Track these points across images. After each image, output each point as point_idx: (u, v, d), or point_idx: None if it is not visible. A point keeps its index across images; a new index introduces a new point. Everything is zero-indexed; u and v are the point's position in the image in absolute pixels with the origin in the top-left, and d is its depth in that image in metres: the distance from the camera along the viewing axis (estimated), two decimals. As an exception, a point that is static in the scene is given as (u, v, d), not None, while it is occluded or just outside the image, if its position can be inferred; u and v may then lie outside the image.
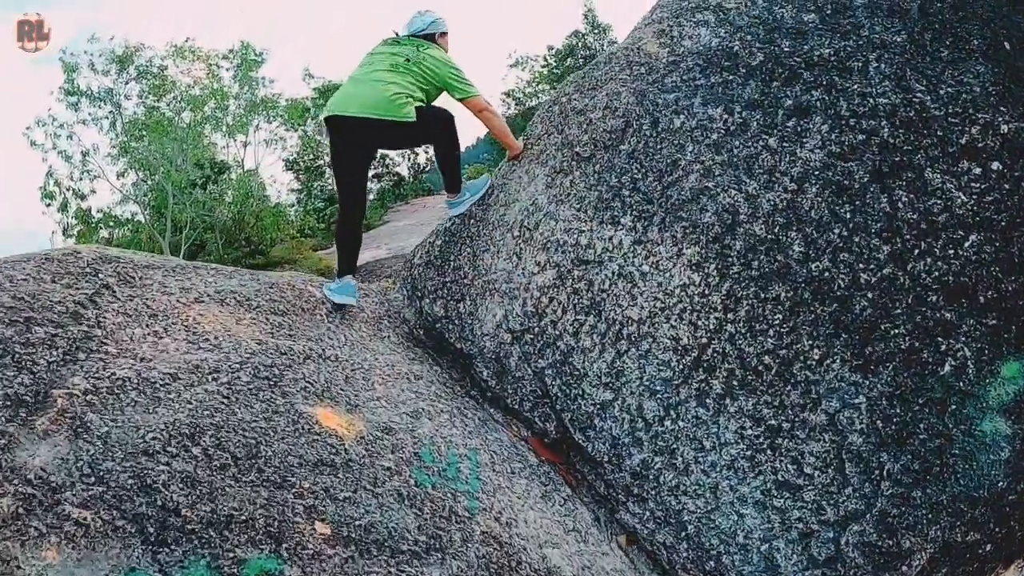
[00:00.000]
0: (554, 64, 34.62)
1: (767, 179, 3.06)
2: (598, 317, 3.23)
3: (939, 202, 2.96)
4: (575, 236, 3.39)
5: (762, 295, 2.95)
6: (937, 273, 2.86)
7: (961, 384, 2.76)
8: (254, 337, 3.08)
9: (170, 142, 18.19)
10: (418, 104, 3.42)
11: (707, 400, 2.97)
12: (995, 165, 3.00)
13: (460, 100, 3.57)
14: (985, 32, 3.20)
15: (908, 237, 2.93)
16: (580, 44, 34.30)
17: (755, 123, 3.13)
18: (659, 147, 3.29)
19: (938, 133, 3.02)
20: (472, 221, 3.90)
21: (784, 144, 3.07)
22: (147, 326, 2.87)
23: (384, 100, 3.34)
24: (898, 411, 2.75)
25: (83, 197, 18.96)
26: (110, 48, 19.17)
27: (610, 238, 3.29)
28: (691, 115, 3.25)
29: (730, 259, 3.04)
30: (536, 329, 3.39)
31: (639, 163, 3.31)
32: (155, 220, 18.99)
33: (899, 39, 3.16)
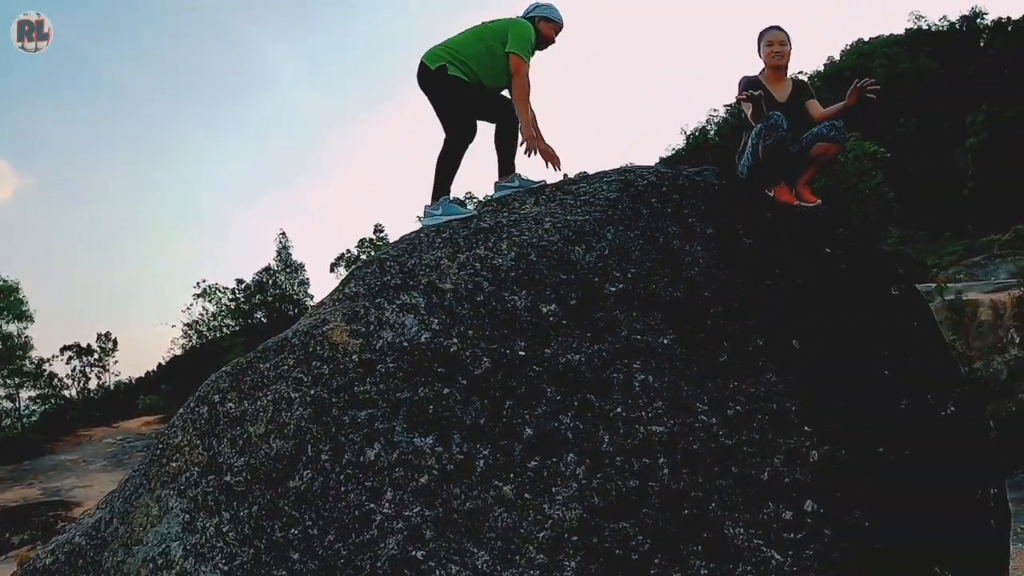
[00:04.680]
0: (242, 299, 33.75)
1: (503, 548, 1.95)
2: None
3: (750, 569, 2.02)
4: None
5: None
6: None
7: None
8: None
9: None
10: (456, 72, 3.36)
11: None
12: (808, 504, 2.18)
13: (507, 52, 3.44)
14: (765, 328, 2.57)
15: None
16: (271, 282, 33.90)
17: (482, 462, 2.08)
18: (344, 490, 2.11)
19: (733, 469, 2.16)
20: (81, 562, 2.44)
21: (526, 495, 2.02)
22: None
23: (433, 48, 3.43)
24: None
25: None
26: None
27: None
28: (391, 445, 2.14)
29: None
30: None
31: (315, 511, 2.09)
32: None
33: (666, 341, 2.41)
